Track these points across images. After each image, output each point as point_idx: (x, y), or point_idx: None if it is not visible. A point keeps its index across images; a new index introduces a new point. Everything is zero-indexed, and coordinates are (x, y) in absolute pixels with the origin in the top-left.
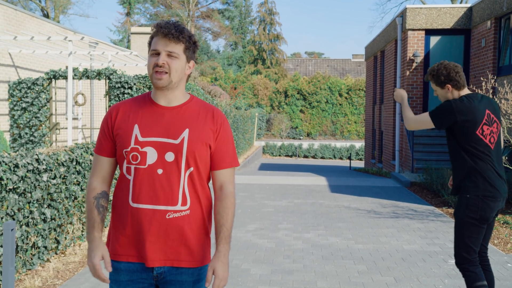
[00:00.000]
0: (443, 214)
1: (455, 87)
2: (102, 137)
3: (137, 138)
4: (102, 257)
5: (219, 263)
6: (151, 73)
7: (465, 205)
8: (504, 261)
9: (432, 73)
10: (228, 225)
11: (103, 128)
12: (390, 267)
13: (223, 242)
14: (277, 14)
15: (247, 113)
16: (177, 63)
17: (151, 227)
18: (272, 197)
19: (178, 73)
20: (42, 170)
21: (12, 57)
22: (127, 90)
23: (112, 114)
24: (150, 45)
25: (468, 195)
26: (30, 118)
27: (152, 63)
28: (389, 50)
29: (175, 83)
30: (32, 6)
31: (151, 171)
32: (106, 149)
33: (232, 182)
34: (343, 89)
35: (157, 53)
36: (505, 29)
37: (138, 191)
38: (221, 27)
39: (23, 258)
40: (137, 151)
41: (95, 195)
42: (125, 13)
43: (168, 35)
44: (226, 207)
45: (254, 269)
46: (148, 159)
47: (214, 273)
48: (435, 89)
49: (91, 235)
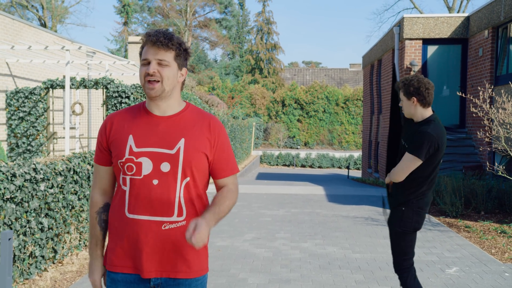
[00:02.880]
0: (440, 223)
1: (420, 102)
2: (99, 148)
3: (132, 148)
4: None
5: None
6: (143, 83)
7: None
8: (502, 270)
9: (404, 82)
10: (221, 207)
11: (99, 140)
12: (387, 276)
13: (210, 212)
14: (275, 24)
15: (244, 122)
16: (168, 71)
17: (147, 238)
18: (270, 206)
19: (170, 81)
20: (40, 179)
21: (10, 66)
22: (125, 100)
23: (106, 126)
24: (141, 55)
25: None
26: (28, 127)
27: (143, 72)
28: (386, 60)
29: (168, 92)
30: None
31: (146, 181)
32: (103, 159)
33: (235, 184)
34: (340, 99)
35: (147, 62)
36: (502, 38)
37: (134, 202)
38: (218, 37)
39: (20, 267)
40: (132, 162)
41: (97, 210)
42: (122, 23)
43: (157, 43)
44: (225, 195)
45: (252, 279)
46: (143, 170)
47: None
48: (402, 99)
49: (94, 252)
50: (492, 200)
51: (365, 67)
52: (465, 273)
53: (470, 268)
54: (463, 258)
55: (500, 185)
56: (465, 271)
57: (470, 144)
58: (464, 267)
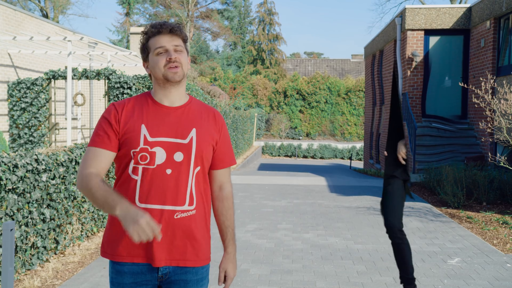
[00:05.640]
0: (442, 214)
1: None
2: (105, 132)
3: (146, 138)
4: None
5: (230, 264)
6: (163, 72)
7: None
8: (504, 261)
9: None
10: (232, 226)
11: (108, 123)
12: (389, 267)
13: (231, 243)
14: (276, 14)
15: (246, 113)
16: (184, 56)
17: (160, 227)
18: (272, 197)
19: (186, 66)
20: (42, 170)
21: (12, 57)
22: (126, 90)
23: (117, 111)
24: (146, 47)
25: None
26: (30, 118)
27: (163, 60)
28: (388, 50)
29: (185, 77)
30: (31, 6)
31: (160, 171)
32: (110, 143)
33: (230, 182)
34: (342, 90)
35: (164, 50)
36: (504, 29)
37: (147, 191)
38: (220, 27)
39: (22, 258)
40: (146, 152)
41: (100, 179)
42: (124, 13)
43: (172, 31)
44: (229, 208)
45: (254, 269)
46: (157, 159)
47: (225, 273)
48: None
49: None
50: (494, 191)
51: (367, 57)
52: (467, 264)
53: (472, 259)
54: (465, 249)
55: (502, 176)
56: (467, 261)
57: (472, 135)
58: (466, 258)
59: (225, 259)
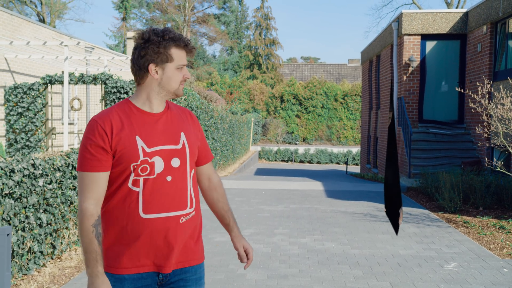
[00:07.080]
0: (439, 219)
1: None
2: (98, 153)
3: (144, 150)
4: None
5: (242, 239)
6: (177, 87)
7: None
8: (500, 266)
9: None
10: (231, 209)
11: (99, 144)
12: (386, 272)
13: (235, 224)
14: (273, 19)
15: (243, 118)
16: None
17: (168, 234)
18: (268, 202)
19: None
20: (38, 175)
21: (8, 62)
22: (123, 95)
23: (106, 128)
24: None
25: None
26: (26, 123)
27: (180, 76)
28: (385, 55)
29: None
30: (28, 11)
31: (160, 179)
32: (105, 164)
33: (216, 172)
34: (339, 94)
35: (182, 66)
36: (501, 34)
37: (150, 201)
38: (217, 32)
39: (19, 263)
40: (146, 163)
41: (93, 223)
42: (121, 18)
43: (192, 51)
44: (223, 194)
45: (250, 274)
46: (156, 169)
47: (245, 249)
48: None
49: (95, 269)
50: (490, 196)
51: (363, 62)
52: (464, 269)
53: (468, 263)
54: (461, 254)
55: (499, 181)
56: (463, 266)
57: (468, 140)
58: (463, 263)
59: (236, 237)
